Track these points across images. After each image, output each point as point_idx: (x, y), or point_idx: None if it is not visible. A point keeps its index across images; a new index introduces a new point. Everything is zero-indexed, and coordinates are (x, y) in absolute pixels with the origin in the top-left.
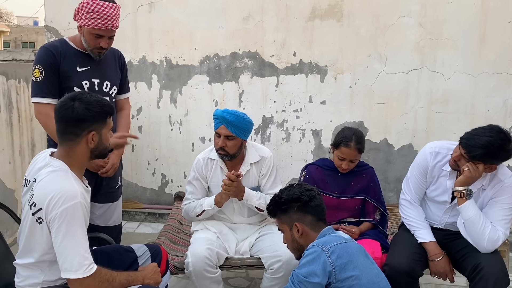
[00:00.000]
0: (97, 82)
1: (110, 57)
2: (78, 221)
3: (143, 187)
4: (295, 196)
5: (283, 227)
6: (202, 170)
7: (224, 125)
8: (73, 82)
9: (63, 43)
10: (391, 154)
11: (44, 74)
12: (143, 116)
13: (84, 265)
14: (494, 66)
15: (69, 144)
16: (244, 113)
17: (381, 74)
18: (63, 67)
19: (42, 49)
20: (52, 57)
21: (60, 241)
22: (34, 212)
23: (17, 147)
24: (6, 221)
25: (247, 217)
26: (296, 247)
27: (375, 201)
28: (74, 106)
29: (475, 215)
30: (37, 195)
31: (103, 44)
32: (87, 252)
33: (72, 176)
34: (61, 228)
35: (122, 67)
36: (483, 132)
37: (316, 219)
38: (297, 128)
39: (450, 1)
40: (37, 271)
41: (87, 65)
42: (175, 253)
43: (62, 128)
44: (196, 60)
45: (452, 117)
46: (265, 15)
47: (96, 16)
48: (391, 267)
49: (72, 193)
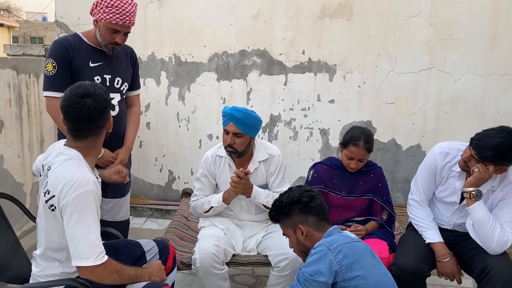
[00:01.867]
0: (109, 78)
1: (122, 53)
2: (90, 208)
3: (150, 183)
4: (295, 198)
5: (287, 232)
6: (211, 167)
7: (232, 122)
8: (85, 77)
9: (77, 38)
10: (399, 154)
11: (57, 68)
12: (151, 113)
13: (95, 253)
14: (505, 68)
15: (92, 138)
16: (253, 111)
17: (390, 74)
18: (76, 62)
19: (55, 43)
20: (66, 51)
21: (72, 227)
22: (47, 199)
23: (26, 141)
24: (15, 214)
25: (254, 215)
26: (302, 249)
27: (383, 201)
28: (91, 103)
29: (484, 217)
30: (51, 182)
31: (118, 39)
32: (99, 240)
33: (85, 164)
34: (73, 214)
35: (133, 64)
36: (494, 133)
37: (319, 219)
38: (305, 126)
39: (461, 1)
40: (55, 263)
41: (99, 60)
42: (182, 249)
43: (85, 127)
44: (204, 57)
45: (461, 118)
46: (275, 13)
47: (115, 11)
48: (398, 267)
49: (85, 180)
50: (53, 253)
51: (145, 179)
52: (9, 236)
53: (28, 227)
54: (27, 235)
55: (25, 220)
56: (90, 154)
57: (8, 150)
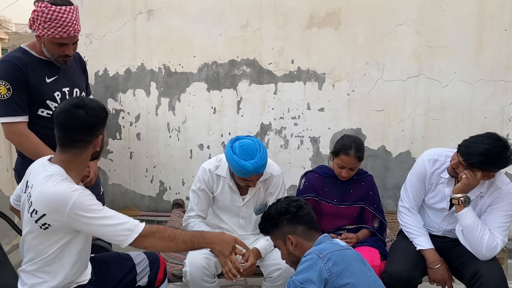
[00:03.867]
0: (67, 90)
1: (72, 61)
2: (91, 203)
3: (141, 194)
4: (283, 209)
5: (278, 243)
6: (209, 181)
7: (255, 174)
8: (45, 95)
9: (25, 53)
10: (389, 161)
11: (12, 90)
12: (142, 123)
13: (136, 224)
14: (491, 74)
15: (75, 151)
16: (252, 139)
17: (379, 82)
18: (32, 80)
19: (4, 62)
20: (19, 70)
21: (100, 227)
22: (37, 219)
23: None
24: (4, 229)
25: (250, 232)
26: (293, 260)
27: (374, 209)
28: (82, 114)
29: (473, 222)
30: (36, 201)
31: (67, 52)
32: (124, 217)
33: (67, 179)
34: (88, 221)
35: (84, 69)
36: (481, 139)
37: (308, 228)
38: (295, 135)
39: (446, 10)
40: (41, 279)
41: (54, 74)
42: (173, 261)
43: (70, 136)
44: (194, 67)
45: (450, 124)
46: (263, 23)
47: (56, 24)
48: (390, 274)
49: (70, 189)
50: (45, 267)
51: (136, 190)
52: None
53: (17, 242)
54: (15, 250)
55: (13, 235)
56: (73, 170)
57: None
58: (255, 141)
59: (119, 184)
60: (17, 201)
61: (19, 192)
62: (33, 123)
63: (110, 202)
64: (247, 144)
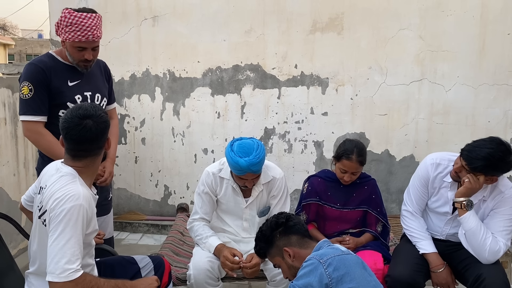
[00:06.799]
0: (89, 95)
1: (96, 69)
2: (75, 224)
3: (146, 198)
4: (273, 223)
5: (277, 261)
6: (212, 184)
7: (250, 173)
8: (66, 97)
9: (51, 58)
10: (392, 165)
11: (33, 91)
12: (146, 128)
13: (68, 270)
14: (494, 78)
15: (91, 158)
16: (253, 140)
17: (382, 86)
18: (54, 83)
19: (30, 65)
20: (42, 73)
21: (52, 241)
22: (40, 215)
23: (22, 159)
24: (10, 233)
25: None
26: (294, 273)
27: (377, 213)
28: (90, 125)
29: (475, 226)
30: (44, 198)
31: (87, 56)
32: (75, 256)
33: (79, 181)
34: (57, 228)
35: (108, 78)
36: (484, 144)
37: (301, 237)
38: (299, 139)
39: (449, 14)
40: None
41: (77, 78)
42: (177, 265)
43: (84, 148)
44: (198, 72)
45: (453, 128)
46: (267, 28)
47: (75, 28)
48: (393, 278)
49: (75, 195)
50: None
51: (141, 194)
52: (4, 254)
53: (23, 246)
54: (22, 254)
55: (20, 239)
56: (87, 173)
57: (3, 168)
58: (255, 142)
59: (124, 188)
60: (28, 202)
61: (31, 193)
62: (53, 123)
63: (115, 207)
64: (245, 143)
